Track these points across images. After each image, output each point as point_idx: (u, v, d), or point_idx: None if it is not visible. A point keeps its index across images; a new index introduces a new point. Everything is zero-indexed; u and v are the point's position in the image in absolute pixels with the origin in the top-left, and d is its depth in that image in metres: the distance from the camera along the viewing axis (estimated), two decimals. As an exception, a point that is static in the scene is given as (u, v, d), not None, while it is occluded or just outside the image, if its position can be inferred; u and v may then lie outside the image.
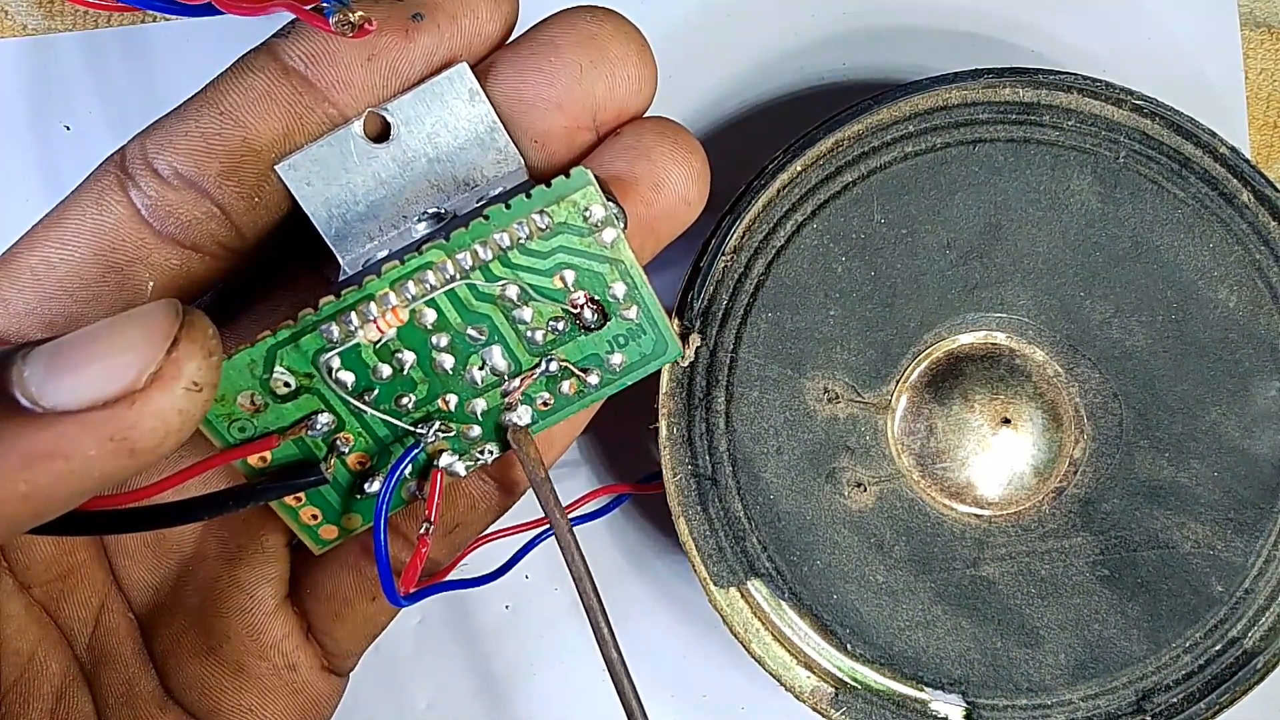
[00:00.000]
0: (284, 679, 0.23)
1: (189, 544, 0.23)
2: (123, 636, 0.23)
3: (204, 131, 0.20)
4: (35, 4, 0.29)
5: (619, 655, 0.21)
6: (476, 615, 0.30)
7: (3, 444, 0.16)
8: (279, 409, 0.21)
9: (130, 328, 0.16)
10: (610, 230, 0.20)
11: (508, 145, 0.21)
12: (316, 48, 0.20)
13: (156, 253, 0.20)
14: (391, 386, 0.21)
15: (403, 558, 0.24)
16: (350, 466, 0.22)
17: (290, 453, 0.21)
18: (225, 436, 0.21)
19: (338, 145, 0.21)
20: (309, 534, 0.22)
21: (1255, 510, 0.25)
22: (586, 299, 0.21)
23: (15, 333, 0.20)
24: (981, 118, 0.25)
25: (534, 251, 0.20)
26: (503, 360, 0.21)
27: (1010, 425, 0.25)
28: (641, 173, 0.21)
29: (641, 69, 0.21)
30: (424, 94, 0.21)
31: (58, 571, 0.22)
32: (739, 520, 0.24)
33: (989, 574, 0.25)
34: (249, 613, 0.23)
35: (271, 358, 0.20)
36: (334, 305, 0.20)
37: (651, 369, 0.22)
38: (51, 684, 0.21)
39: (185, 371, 0.16)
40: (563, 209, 0.20)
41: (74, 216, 0.20)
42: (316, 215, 0.21)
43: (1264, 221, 0.25)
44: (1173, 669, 0.25)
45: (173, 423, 0.16)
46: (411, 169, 0.21)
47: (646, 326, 0.22)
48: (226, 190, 0.20)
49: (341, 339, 0.20)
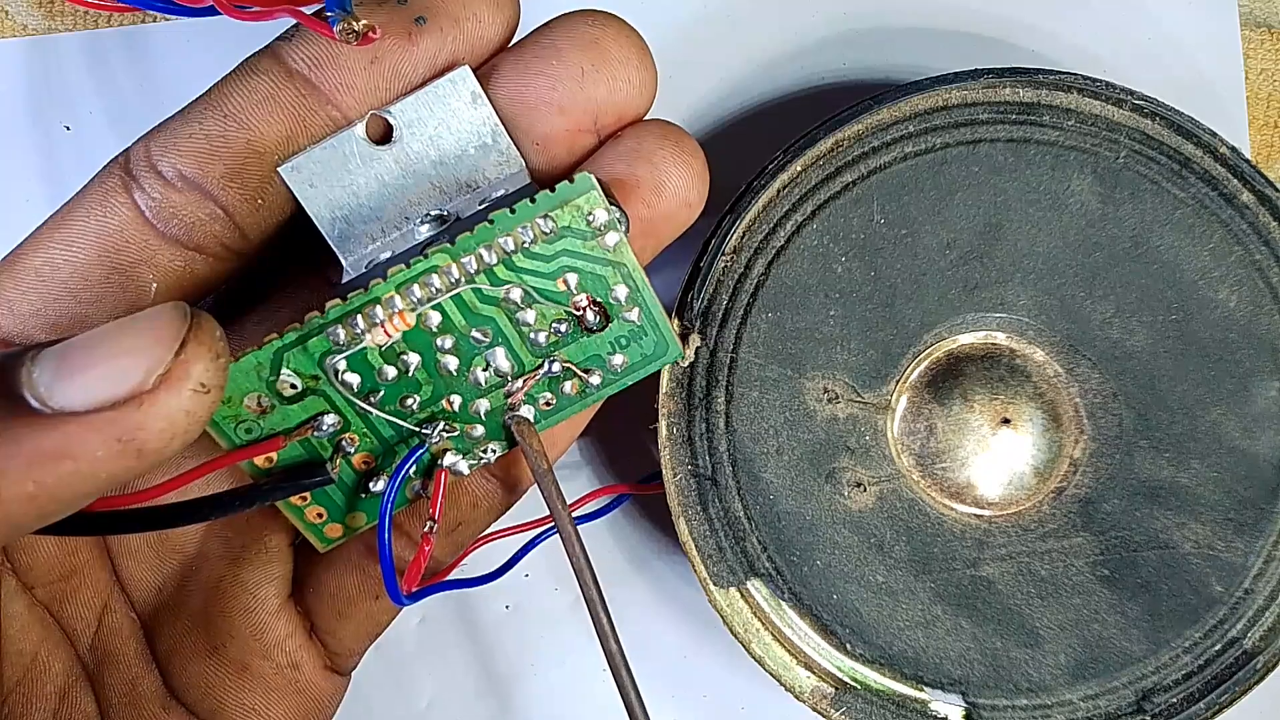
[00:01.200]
0: (287, 678, 0.23)
1: (192, 544, 0.23)
2: (126, 636, 0.23)
3: (208, 133, 0.20)
4: (35, 4, 0.29)
5: (619, 647, 0.21)
6: (477, 614, 0.30)
7: (10, 444, 0.16)
8: (285, 410, 0.21)
9: (138, 329, 0.16)
10: (613, 234, 0.20)
11: (510, 147, 0.21)
12: (320, 51, 0.20)
13: (160, 254, 0.21)
14: (397, 388, 0.21)
15: (405, 556, 0.24)
16: (355, 466, 0.22)
17: (296, 453, 0.21)
18: (231, 438, 0.21)
19: (340, 147, 0.21)
20: (314, 532, 0.23)
21: (1255, 510, 0.25)
22: (589, 301, 0.21)
23: (20, 334, 0.20)
24: (981, 118, 0.25)
25: (538, 255, 0.20)
26: (506, 361, 0.21)
27: (1010, 425, 0.25)
28: (643, 175, 0.22)
29: (642, 72, 0.21)
30: (426, 97, 0.21)
31: (60, 572, 0.22)
32: (739, 520, 0.24)
33: (989, 574, 0.25)
34: (252, 612, 0.23)
35: (278, 360, 0.20)
36: (340, 309, 0.20)
37: (652, 369, 0.22)
38: (54, 684, 0.22)
39: (193, 373, 0.16)
40: (566, 213, 0.20)
41: (78, 218, 0.20)
42: (319, 217, 0.21)
43: (1264, 221, 0.25)
44: (1173, 669, 0.25)
45: (180, 424, 0.16)
46: (414, 171, 0.21)
47: (648, 328, 0.22)
48: (230, 192, 0.21)
49: (348, 342, 0.20)
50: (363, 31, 0.19)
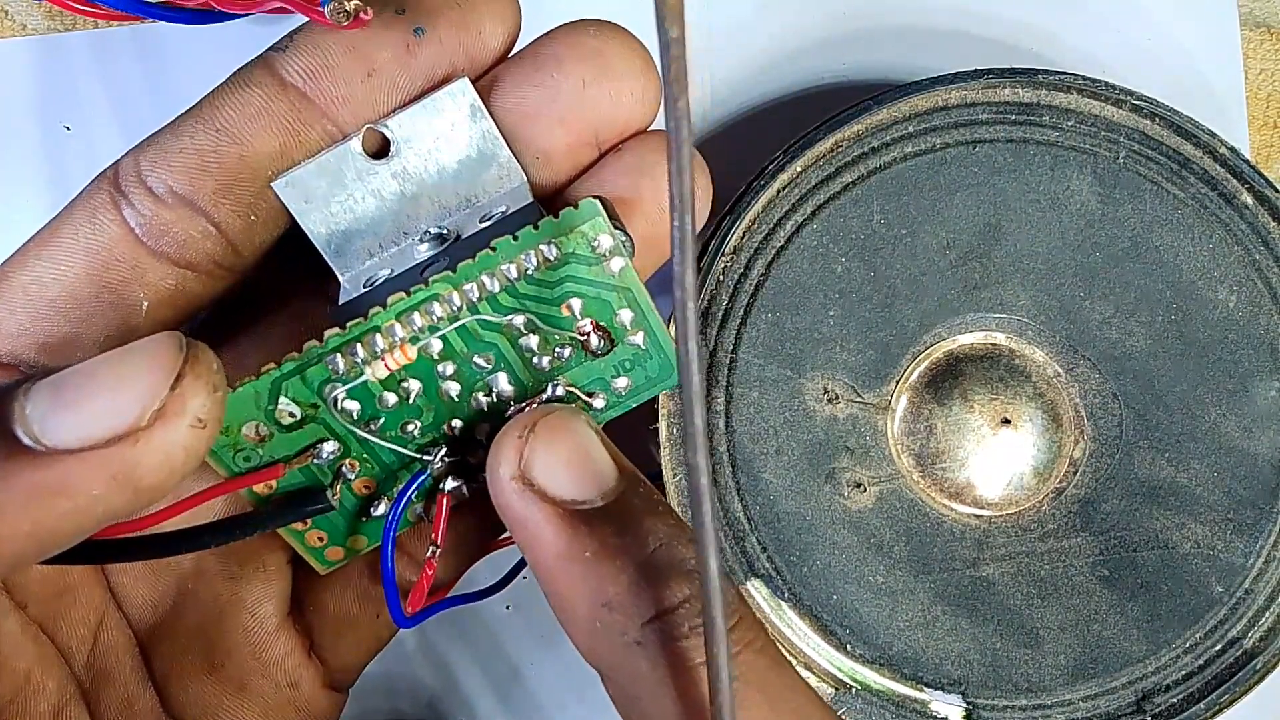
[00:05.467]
0: (286, 697, 0.23)
1: (188, 561, 0.23)
2: (121, 654, 0.23)
3: (199, 148, 0.20)
4: (35, 4, 0.29)
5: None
6: (477, 615, 0.30)
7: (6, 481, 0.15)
8: (284, 438, 0.20)
9: (133, 362, 0.16)
10: (618, 259, 0.20)
11: (510, 161, 0.21)
12: (315, 62, 0.20)
13: (151, 272, 0.20)
14: (397, 414, 0.21)
15: (406, 574, 0.23)
16: (356, 492, 0.21)
17: (296, 480, 0.21)
18: (230, 466, 0.20)
19: (336, 162, 0.20)
20: (315, 555, 0.22)
21: (1255, 510, 0.25)
22: (593, 326, 0.21)
23: (9, 353, 0.20)
24: (981, 118, 0.25)
25: (541, 282, 0.20)
26: (509, 386, 0.21)
27: (1010, 425, 0.25)
28: (645, 191, 0.21)
29: (645, 84, 0.21)
30: (424, 109, 0.20)
31: (55, 589, 0.22)
32: (738, 521, 0.24)
33: (989, 574, 0.25)
34: (250, 630, 0.23)
35: (276, 390, 0.20)
36: (339, 338, 0.20)
37: (656, 392, 0.22)
38: (49, 702, 0.21)
39: (190, 408, 0.16)
40: (571, 240, 0.20)
41: (66, 235, 0.20)
42: (315, 233, 0.21)
43: (1263, 222, 0.25)
44: (1172, 669, 0.25)
45: (177, 459, 0.16)
46: (412, 186, 0.21)
47: (653, 351, 0.21)
48: (222, 208, 0.20)
49: (347, 372, 0.20)
50: (354, 12, 0.18)
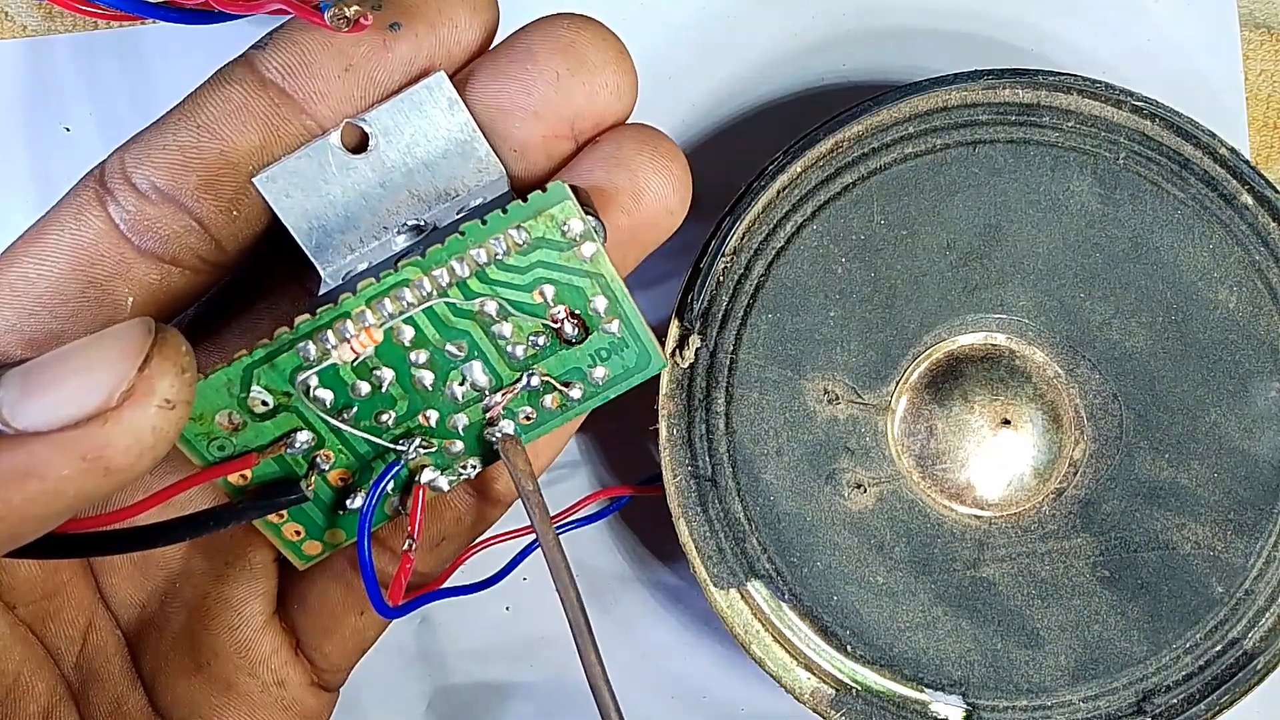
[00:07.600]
0: (273, 695, 0.23)
1: (176, 561, 0.23)
2: (110, 655, 0.23)
3: (181, 145, 0.20)
4: (35, 5, 0.29)
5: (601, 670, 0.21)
6: (477, 616, 0.30)
7: None
8: (258, 427, 0.20)
9: (102, 346, 0.16)
10: (589, 244, 0.20)
11: (488, 154, 0.21)
12: (294, 59, 0.20)
13: (136, 268, 0.20)
14: (371, 403, 0.21)
15: (390, 570, 0.23)
16: (331, 483, 0.22)
17: (271, 470, 0.21)
18: (204, 455, 0.21)
19: (315, 157, 0.21)
20: (293, 550, 0.22)
21: (1255, 511, 0.25)
22: (567, 313, 0.21)
23: None
24: (981, 119, 0.25)
25: (512, 267, 0.20)
26: (483, 375, 0.21)
27: (1010, 426, 0.25)
28: (621, 182, 0.21)
29: (620, 76, 0.21)
30: (402, 104, 0.20)
31: (43, 591, 0.22)
32: (739, 522, 0.24)
33: (989, 575, 0.25)
34: (237, 629, 0.23)
35: (248, 377, 0.20)
36: (310, 324, 0.20)
37: (635, 382, 0.22)
38: (38, 704, 0.21)
39: (158, 389, 0.16)
40: (540, 223, 0.20)
41: (53, 232, 0.20)
42: (296, 227, 0.21)
43: (1264, 222, 0.25)
44: (1173, 670, 0.25)
45: (147, 440, 0.16)
46: (391, 180, 0.21)
47: (629, 339, 0.21)
48: (205, 204, 0.20)
49: (318, 358, 0.20)
50: (354, 18, 0.19)
